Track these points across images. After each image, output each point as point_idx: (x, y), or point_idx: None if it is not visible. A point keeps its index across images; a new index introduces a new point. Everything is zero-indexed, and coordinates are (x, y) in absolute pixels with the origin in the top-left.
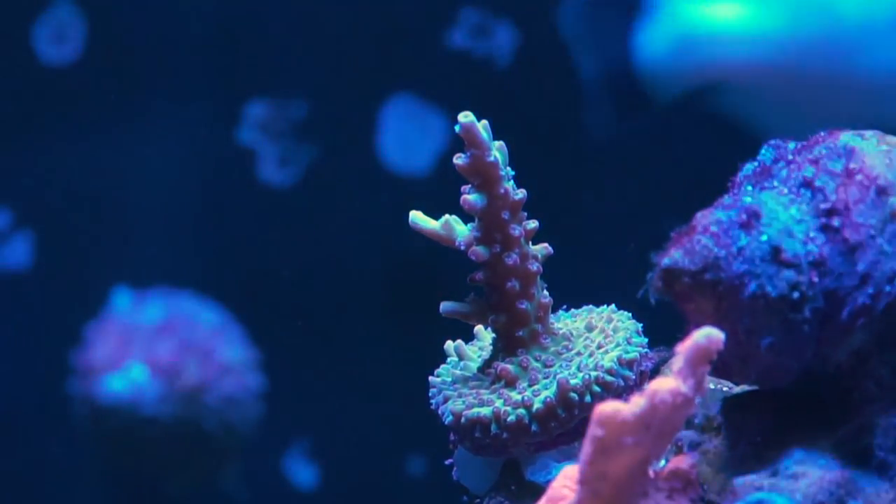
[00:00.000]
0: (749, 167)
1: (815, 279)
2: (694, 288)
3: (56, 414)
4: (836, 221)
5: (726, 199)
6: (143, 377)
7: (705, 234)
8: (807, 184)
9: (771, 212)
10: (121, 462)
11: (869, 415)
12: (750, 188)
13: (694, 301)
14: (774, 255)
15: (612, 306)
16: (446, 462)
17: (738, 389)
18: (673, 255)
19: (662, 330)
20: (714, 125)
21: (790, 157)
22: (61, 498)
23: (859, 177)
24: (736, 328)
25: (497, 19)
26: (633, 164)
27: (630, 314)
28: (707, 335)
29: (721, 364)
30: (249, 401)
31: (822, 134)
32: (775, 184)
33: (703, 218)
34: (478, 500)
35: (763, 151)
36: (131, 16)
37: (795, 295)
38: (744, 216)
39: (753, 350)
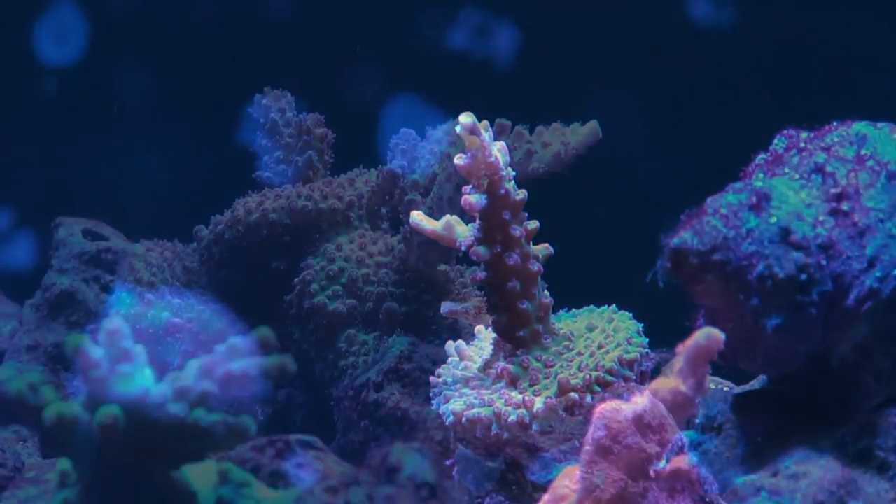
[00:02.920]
0: (761, 157)
1: (824, 262)
2: (702, 268)
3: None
4: (845, 205)
5: (737, 184)
6: (147, 380)
7: (715, 216)
8: (818, 169)
9: (781, 195)
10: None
11: (869, 414)
12: (762, 175)
13: (702, 282)
14: (784, 236)
15: (613, 307)
16: (446, 462)
17: (739, 389)
18: (682, 236)
19: (663, 330)
20: None
21: (802, 144)
22: None
23: (870, 163)
24: (743, 310)
25: (497, 19)
26: (632, 165)
27: (631, 314)
28: (707, 335)
29: (728, 349)
30: (253, 405)
31: (835, 123)
32: (786, 170)
33: (714, 201)
34: (479, 500)
35: (776, 141)
36: (131, 16)
37: (803, 277)
38: (754, 199)
39: (761, 332)
